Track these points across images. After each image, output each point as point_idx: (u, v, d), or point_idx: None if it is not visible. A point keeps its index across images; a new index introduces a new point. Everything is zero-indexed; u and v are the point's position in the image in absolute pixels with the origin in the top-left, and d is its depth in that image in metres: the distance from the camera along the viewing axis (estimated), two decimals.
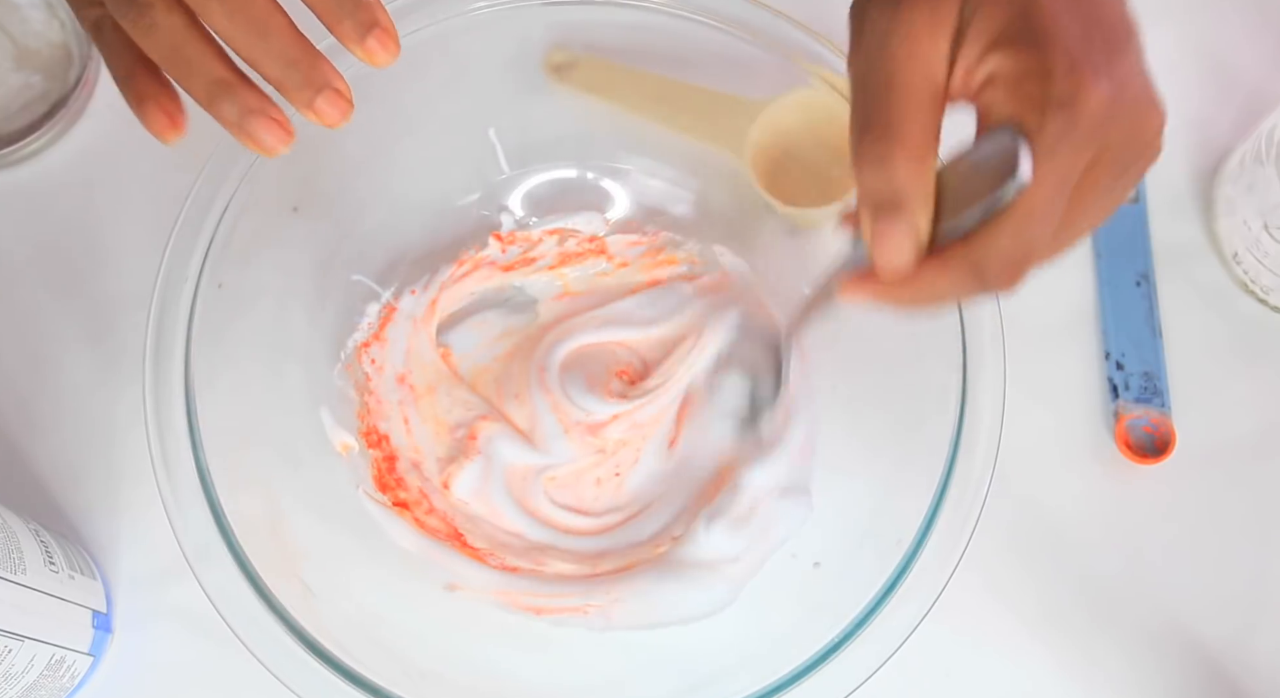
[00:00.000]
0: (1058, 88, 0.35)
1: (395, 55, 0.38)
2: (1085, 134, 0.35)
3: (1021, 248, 0.36)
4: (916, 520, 0.50)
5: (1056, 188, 0.36)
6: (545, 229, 0.62)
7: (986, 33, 0.36)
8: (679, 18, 0.55)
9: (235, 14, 0.36)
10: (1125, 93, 0.35)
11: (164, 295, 0.52)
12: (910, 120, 0.36)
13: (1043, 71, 0.35)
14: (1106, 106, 0.35)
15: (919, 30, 0.36)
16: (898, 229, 0.37)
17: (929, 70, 0.36)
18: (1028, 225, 0.36)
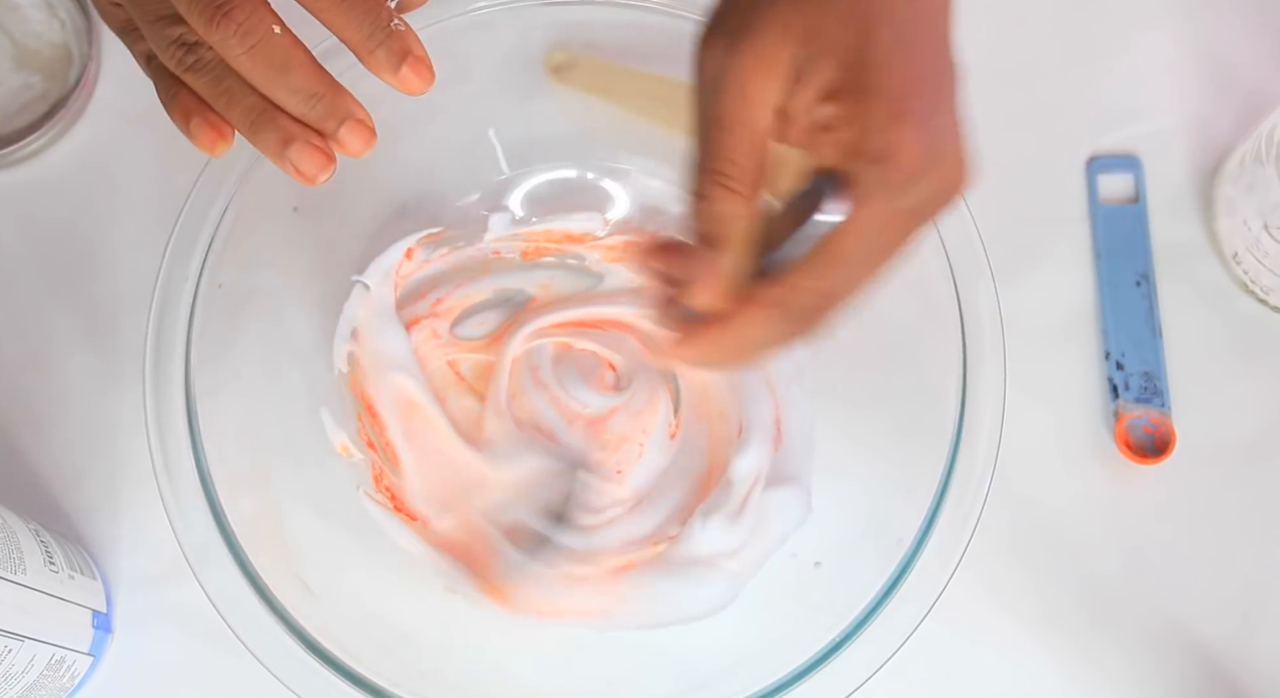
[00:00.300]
0: (875, 141, 0.36)
1: (430, 83, 0.39)
2: (898, 187, 0.37)
3: (828, 288, 0.38)
4: (917, 520, 0.50)
5: (867, 234, 0.37)
6: (544, 228, 0.62)
7: (819, 82, 0.37)
8: (679, 17, 0.55)
9: (256, 53, 0.37)
10: (938, 150, 0.37)
11: (164, 295, 0.52)
12: (735, 161, 0.38)
13: (864, 124, 0.36)
14: (920, 162, 0.36)
15: (749, 75, 0.37)
16: (709, 264, 0.38)
17: (754, 115, 0.37)
18: (835, 267, 0.37)
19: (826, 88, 0.37)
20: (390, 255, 0.59)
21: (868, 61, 0.36)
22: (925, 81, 0.37)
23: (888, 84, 0.36)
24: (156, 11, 0.38)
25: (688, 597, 0.55)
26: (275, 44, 0.37)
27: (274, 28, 0.37)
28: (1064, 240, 0.63)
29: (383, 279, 0.59)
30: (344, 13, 0.37)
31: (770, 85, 0.37)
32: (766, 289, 0.38)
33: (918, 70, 0.37)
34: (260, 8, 0.37)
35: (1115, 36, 0.66)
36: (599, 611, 0.55)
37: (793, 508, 0.56)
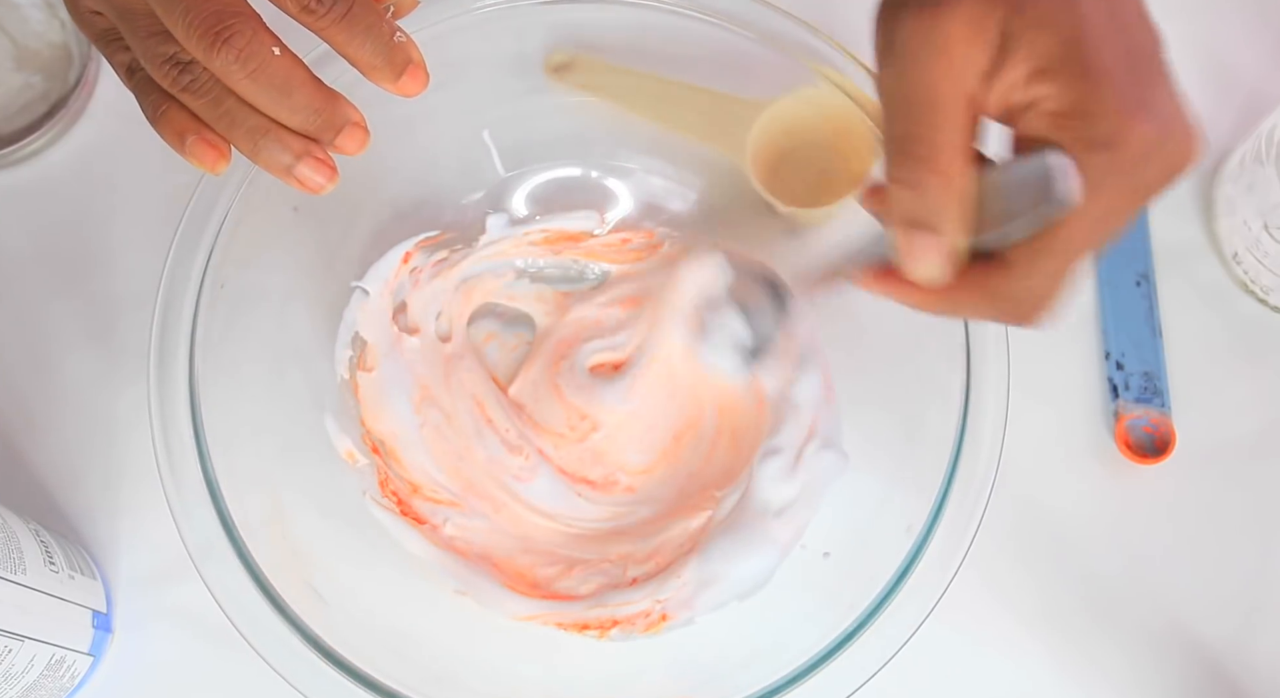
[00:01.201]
0: (1104, 127, 0.34)
1: (426, 86, 0.39)
2: (1127, 173, 0.35)
3: (1053, 281, 0.36)
4: (925, 509, 0.50)
5: (1094, 223, 0.36)
6: (541, 228, 0.62)
7: (1032, 58, 0.35)
8: (679, 16, 0.55)
9: (258, 76, 0.37)
10: (1166, 130, 0.36)
11: (168, 295, 0.52)
12: (944, 141, 0.35)
13: (1089, 108, 0.35)
14: (1149, 146, 0.35)
15: (956, 46, 0.35)
16: (930, 248, 0.37)
17: (965, 89, 0.35)
18: (1061, 259, 0.36)
19: (1039, 64, 0.35)
20: (389, 260, 0.59)
21: (1085, 38, 0.35)
22: (1143, 57, 0.36)
23: (1109, 65, 0.35)
24: (148, 28, 0.38)
25: (743, 567, 0.54)
26: (276, 66, 0.37)
27: (273, 50, 0.37)
28: None
29: (381, 287, 0.59)
30: (345, 30, 0.37)
31: (978, 56, 0.35)
32: (986, 276, 0.37)
33: (1133, 45, 0.35)
34: (259, 31, 0.37)
35: None
36: (676, 602, 0.55)
37: (835, 466, 0.56)
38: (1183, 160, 0.36)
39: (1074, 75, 0.35)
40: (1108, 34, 0.35)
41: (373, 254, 0.59)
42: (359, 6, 0.37)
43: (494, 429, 0.59)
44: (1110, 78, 0.35)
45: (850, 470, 0.56)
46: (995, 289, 0.37)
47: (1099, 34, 0.35)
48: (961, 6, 0.35)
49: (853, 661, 0.48)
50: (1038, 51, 0.35)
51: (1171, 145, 0.36)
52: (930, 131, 0.35)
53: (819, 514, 0.56)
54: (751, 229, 0.61)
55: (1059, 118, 0.35)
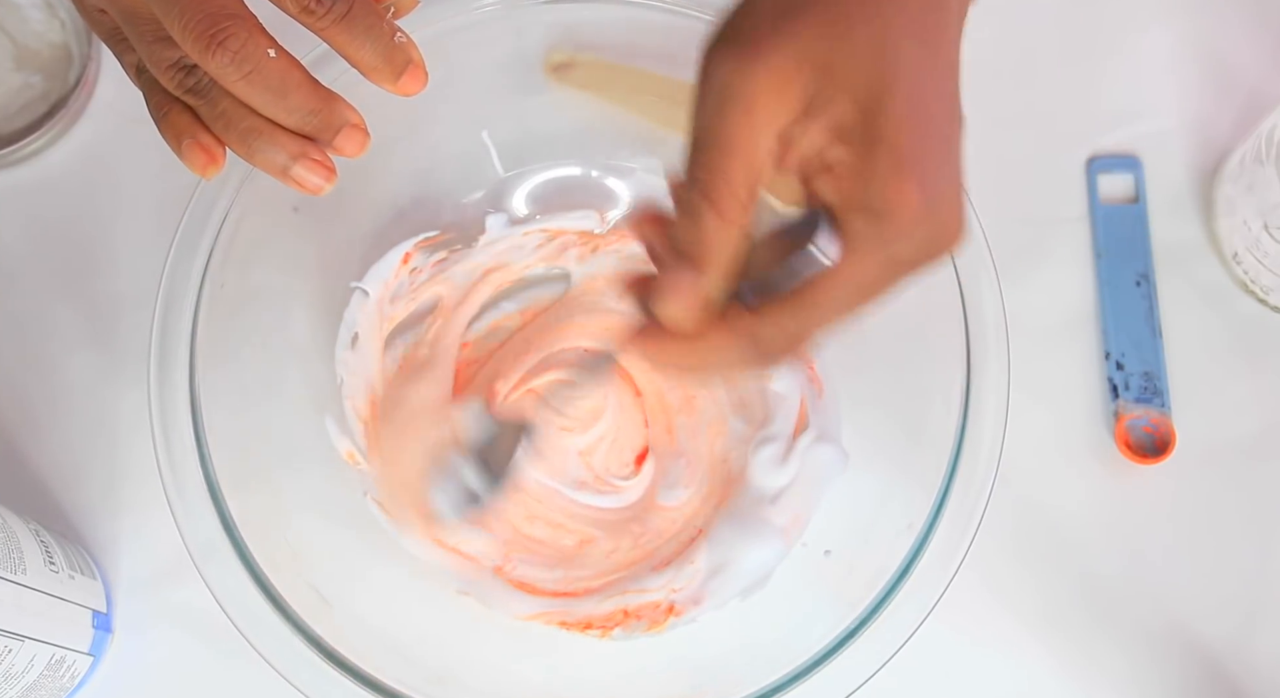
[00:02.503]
0: (874, 193, 0.35)
1: (425, 85, 0.39)
2: (888, 241, 0.36)
3: (800, 333, 0.37)
4: (926, 507, 0.50)
5: (851, 283, 0.37)
6: (540, 228, 0.62)
7: (831, 122, 0.36)
8: (679, 16, 0.56)
9: (253, 79, 0.37)
10: (934, 208, 0.36)
11: (168, 295, 0.52)
12: (730, 185, 0.36)
13: (868, 176, 0.36)
14: (914, 219, 0.36)
15: (760, 99, 0.35)
16: (689, 284, 0.37)
17: (758, 140, 0.36)
18: (814, 310, 0.37)
19: (836, 127, 0.36)
20: (389, 260, 0.59)
21: (883, 110, 0.35)
22: (935, 136, 0.36)
23: (899, 137, 0.35)
24: (153, 33, 0.38)
25: (748, 554, 0.55)
26: (271, 68, 0.37)
27: (269, 52, 0.37)
28: (1064, 240, 0.63)
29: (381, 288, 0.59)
30: (345, 31, 0.38)
31: (780, 112, 0.36)
32: (740, 317, 0.37)
33: (929, 124, 0.36)
34: (254, 33, 0.37)
35: (1115, 36, 0.66)
36: (688, 592, 0.55)
37: (832, 468, 0.57)
38: (943, 243, 0.37)
39: (861, 141, 0.36)
40: (908, 110, 0.35)
41: (373, 254, 0.59)
42: (359, 7, 0.38)
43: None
44: (896, 150, 0.35)
45: (851, 469, 0.57)
46: (742, 330, 0.37)
47: (898, 108, 0.35)
48: (772, 61, 0.35)
49: (853, 660, 0.48)
50: (837, 116, 0.36)
51: (935, 225, 0.36)
52: (719, 174, 0.36)
53: (820, 513, 0.56)
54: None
55: (838, 178, 0.36)
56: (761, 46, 0.35)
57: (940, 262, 0.38)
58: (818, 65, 0.35)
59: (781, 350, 0.38)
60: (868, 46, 0.35)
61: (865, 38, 0.35)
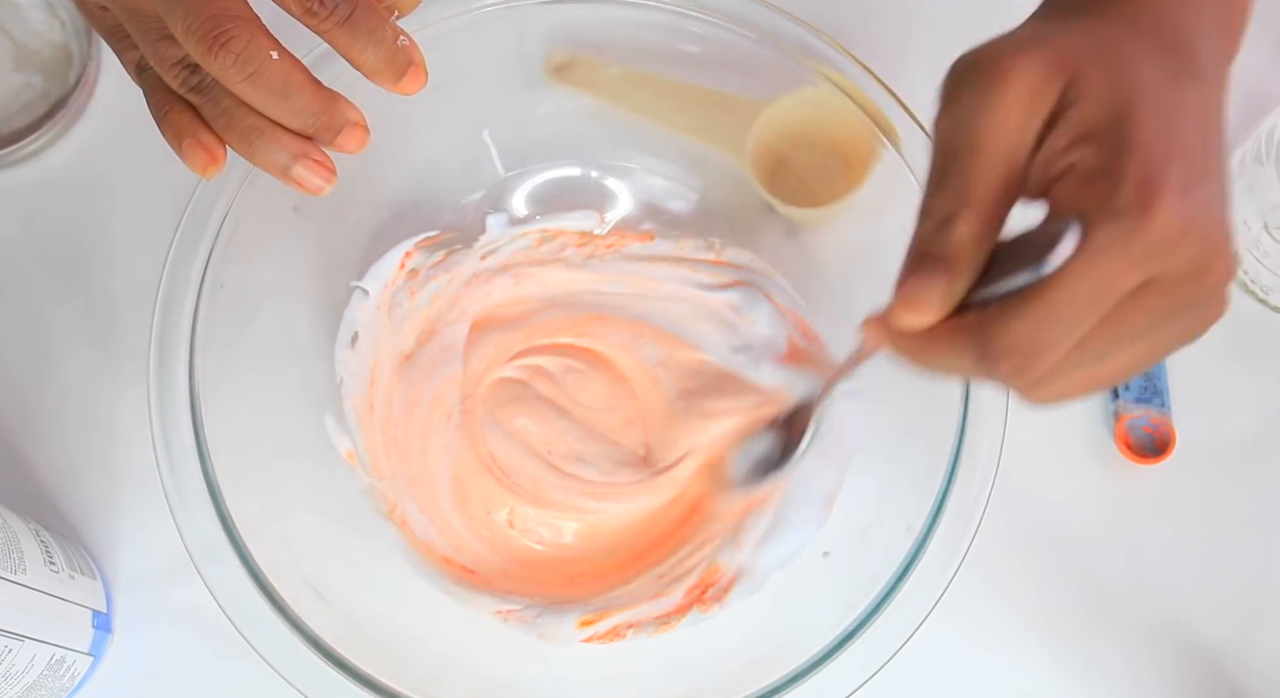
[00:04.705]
0: (1125, 195, 0.33)
1: (425, 85, 0.39)
2: (1140, 250, 0.33)
3: (1033, 337, 0.34)
4: (925, 509, 0.50)
5: (1089, 291, 0.34)
6: (540, 228, 0.62)
7: (1078, 124, 0.34)
8: (679, 16, 0.55)
9: (255, 80, 0.37)
10: (1196, 226, 0.33)
11: (168, 295, 0.52)
12: (986, 189, 0.35)
13: (1116, 175, 0.33)
14: (1172, 232, 0.33)
15: (1015, 107, 0.35)
16: (934, 283, 0.35)
17: (1015, 149, 0.35)
18: (1044, 315, 0.34)
19: (1082, 131, 0.34)
20: (389, 260, 0.59)
21: (1135, 112, 0.34)
22: (1191, 150, 0.34)
23: (1150, 141, 0.33)
24: (157, 31, 0.38)
25: (796, 524, 0.56)
26: (274, 70, 0.37)
27: (271, 53, 0.37)
28: None
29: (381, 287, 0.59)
30: (347, 33, 0.38)
31: (1034, 121, 0.35)
32: (969, 315, 0.35)
33: (1185, 142, 0.34)
34: (257, 34, 0.37)
35: None
36: (733, 566, 0.55)
37: (857, 412, 0.55)
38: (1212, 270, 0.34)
39: (1112, 142, 0.34)
40: (1158, 120, 0.34)
41: (373, 254, 0.59)
42: (361, 9, 0.38)
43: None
44: (1147, 152, 0.33)
45: (850, 470, 0.56)
46: (971, 327, 0.35)
47: (1147, 116, 0.34)
48: (1023, 71, 0.35)
49: (852, 660, 0.48)
50: (1086, 118, 0.34)
51: (1200, 247, 0.34)
52: (975, 176, 0.35)
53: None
54: (751, 229, 0.61)
55: (1086, 180, 0.34)
56: (1014, 58, 0.35)
57: (1215, 305, 0.35)
58: (1068, 76, 0.35)
59: (1007, 356, 0.34)
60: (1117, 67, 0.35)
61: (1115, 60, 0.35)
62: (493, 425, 0.60)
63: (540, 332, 0.61)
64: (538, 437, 0.60)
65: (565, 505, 0.59)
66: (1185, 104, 0.35)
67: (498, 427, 0.60)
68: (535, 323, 0.62)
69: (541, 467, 0.59)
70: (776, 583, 0.55)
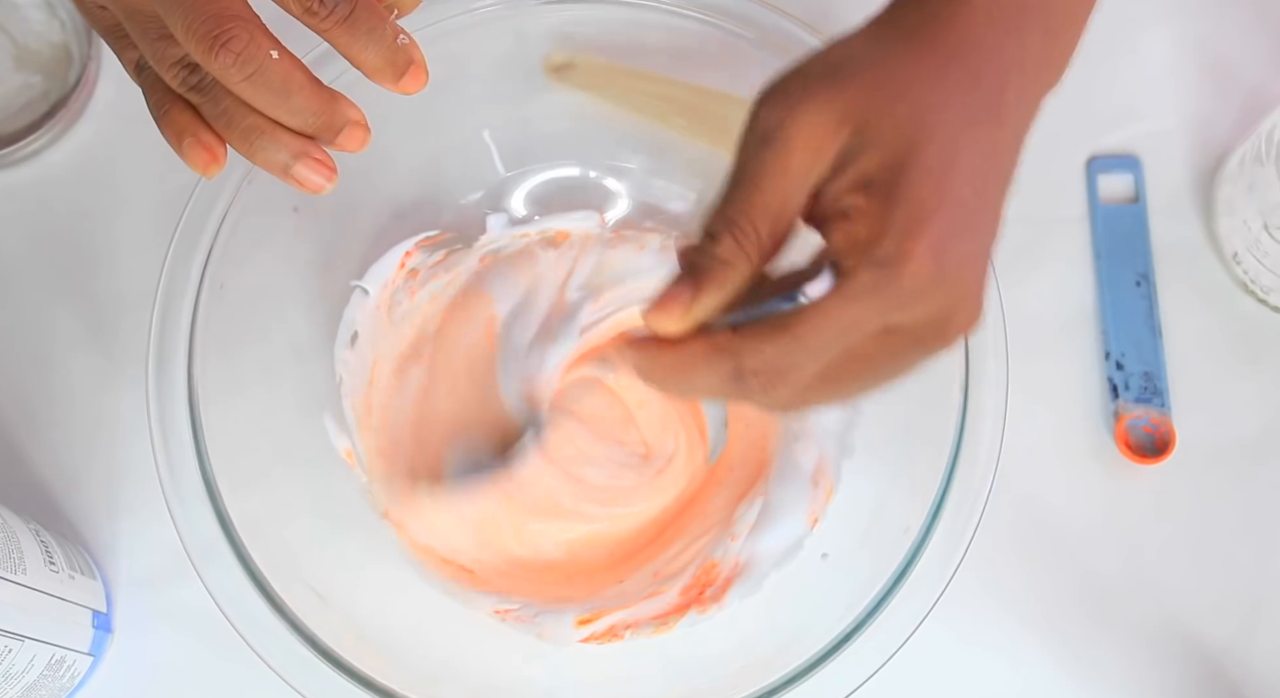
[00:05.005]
0: (884, 246, 0.35)
1: (425, 85, 0.39)
2: (890, 299, 0.36)
3: (782, 361, 0.37)
4: (923, 510, 0.50)
5: (837, 327, 0.36)
6: (540, 229, 0.62)
7: (860, 171, 0.36)
8: (679, 16, 0.56)
9: (256, 80, 0.37)
10: (944, 280, 0.36)
11: (167, 295, 0.52)
12: (755, 223, 0.37)
13: (880, 226, 0.35)
14: (921, 284, 0.35)
15: (797, 151, 0.37)
16: (684, 298, 0.38)
17: (791, 189, 0.37)
18: (794, 342, 0.36)
19: (861, 178, 0.36)
20: (389, 260, 0.59)
21: (909, 166, 0.36)
22: (959, 207, 0.36)
23: (919, 195, 0.36)
24: (156, 30, 0.38)
25: (792, 511, 0.56)
26: (274, 69, 0.37)
27: (272, 53, 0.37)
28: (1064, 240, 0.63)
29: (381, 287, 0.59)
30: (348, 33, 0.38)
31: (815, 167, 0.37)
32: (722, 334, 0.38)
33: (955, 194, 0.36)
34: (257, 34, 0.37)
35: (1115, 37, 0.66)
36: (732, 556, 0.55)
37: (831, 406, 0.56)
38: (952, 324, 0.37)
39: (880, 192, 0.36)
40: (933, 174, 0.36)
41: (373, 254, 0.59)
42: (361, 8, 0.38)
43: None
44: (914, 205, 0.35)
45: (848, 471, 0.56)
46: (721, 345, 0.37)
47: (923, 169, 0.36)
48: (811, 118, 0.37)
49: (851, 661, 0.49)
50: (867, 167, 0.36)
51: (943, 301, 0.36)
52: (751, 211, 0.37)
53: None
54: None
55: (851, 226, 0.36)
56: (807, 99, 0.37)
57: (949, 343, 0.37)
58: (857, 123, 0.36)
59: (758, 376, 0.37)
60: (908, 111, 0.36)
61: (908, 104, 0.36)
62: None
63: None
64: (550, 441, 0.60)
65: (574, 514, 0.58)
66: (972, 151, 0.37)
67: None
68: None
69: (556, 475, 0.59)
70: (775, 584, 0.55)
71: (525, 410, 0.58)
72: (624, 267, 0.61)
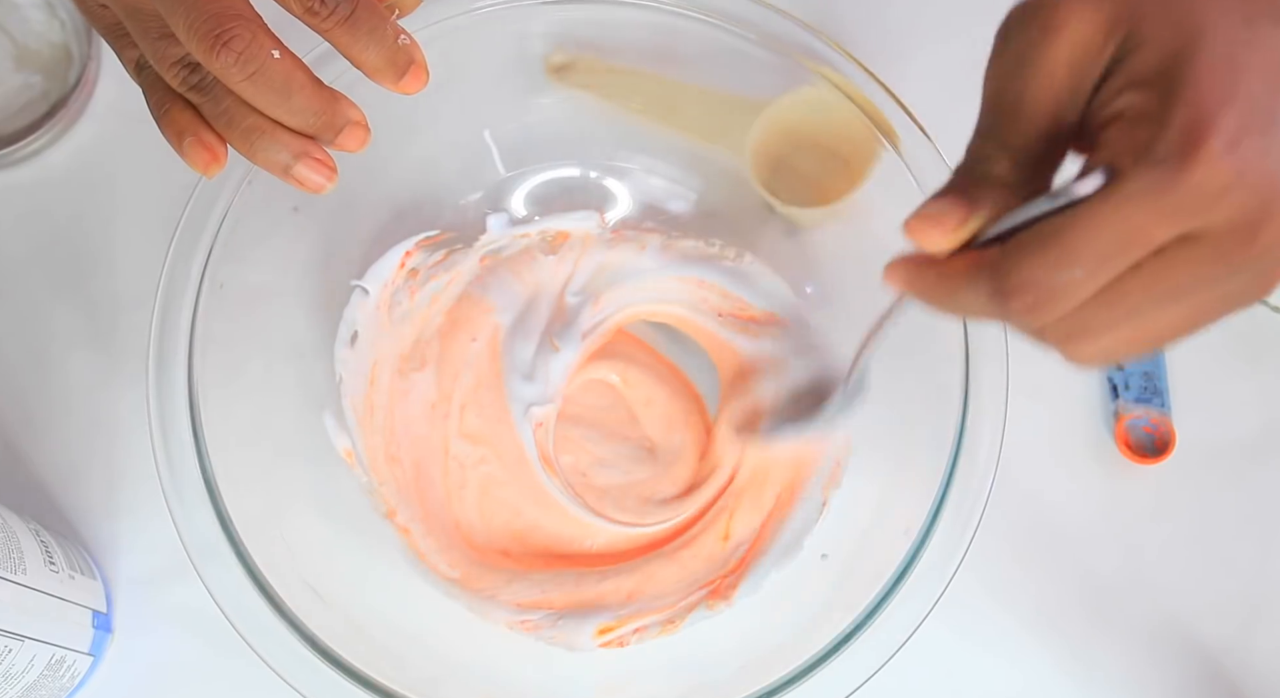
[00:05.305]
0: (1166, 140, 0.31)
1: (426, 84, 0.39)
2: (1177, 201, 0.31)
3: (1049, 275, 0.33)
4: (923, 512, 0.50)
5: (1112, 235, 0.32)
6: (540, 229, 0.62)
7: (1132, 71, 0.33)
8: (679, 16, 0.55)
9: (257, 80, 0.37)
10: (1245, 180, 0.31)
11: (167, 295, 0.52)
12: (1026, 143, 0.34)
13: (1161, 120, 0.31)
14: (1215, 184, 0.31)
15: (1064, 62, 0.33)
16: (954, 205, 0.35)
17: (1060, 106, 0.34)
18: (1061, 254, 0.32)
19: (1135, 78, 0.33)
20: (389, 260, 0.59)
21: (1190, 61, 0.32)
22: (1253, 97, 0.31)
23: (1204, 87, 0.31)
24: (157, 29, 0.38)
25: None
26: (275, 69, 0.37)
27: (273, 53, 0.37)
28: None
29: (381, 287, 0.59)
30: (348, 33, 0.38)
31: (1084, 77, 0.34)
32: (987, 250, 0.34)
33: (1246, 88, 0.31)
34: (259, 34, 0.37)
35: None
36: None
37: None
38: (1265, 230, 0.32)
39: (1163, 87, 0.32)
40: (1217, 65, 0.32)
41: (373, 254, 0.59)
42: (362, 9, 0.38)
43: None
44: (1201, 98, 0.31)
45: (848, 472, 0.56)
46: (986, 262, 0.34)
47: (1212, 58, 0.32)
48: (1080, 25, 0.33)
49: (851, 661, 0.48)
50: (1139, 65, 0.33)
51: (1252, 200, 0.31)
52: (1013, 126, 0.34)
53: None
54: (751, 229, 0.61)
55: (1130, 125, 0.32)
56: (1067, 8, 0.33)
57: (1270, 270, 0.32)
58: (1128, 26, 0.33)
59: (1021, 294, 0.33)
60: (1183, 6, 0.33)
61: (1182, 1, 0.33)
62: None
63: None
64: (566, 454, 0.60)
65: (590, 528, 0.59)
66: (1257, 48, 0.32)
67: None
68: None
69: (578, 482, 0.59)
70: (776, 584, 0.55)
71: (531, 429, 0.58)
72: (623, 268, 0.61)
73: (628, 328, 0.62)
